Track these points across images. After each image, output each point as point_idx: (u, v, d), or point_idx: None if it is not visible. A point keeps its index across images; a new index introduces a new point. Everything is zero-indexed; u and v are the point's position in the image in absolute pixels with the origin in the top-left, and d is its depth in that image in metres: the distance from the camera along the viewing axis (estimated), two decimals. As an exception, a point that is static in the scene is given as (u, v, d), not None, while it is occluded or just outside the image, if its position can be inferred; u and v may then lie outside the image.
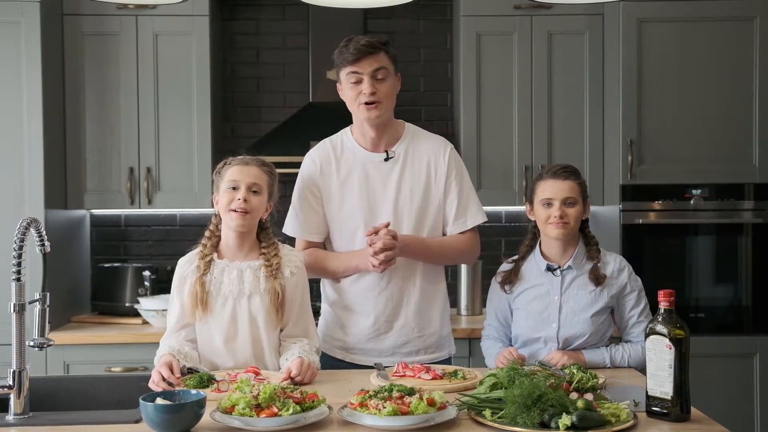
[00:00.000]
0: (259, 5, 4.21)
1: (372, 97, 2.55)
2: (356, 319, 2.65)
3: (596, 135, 3.87)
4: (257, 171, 2.46)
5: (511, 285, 2.63)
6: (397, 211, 2.61)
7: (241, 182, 2.42)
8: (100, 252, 4.16)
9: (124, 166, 3.81)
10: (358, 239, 2.60)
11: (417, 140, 2.68)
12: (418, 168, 2.65)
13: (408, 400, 1.91)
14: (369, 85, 2.54)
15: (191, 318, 2.44)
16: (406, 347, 2.65)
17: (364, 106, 2.56)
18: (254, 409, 1.88)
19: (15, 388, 2.04)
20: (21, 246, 2.06)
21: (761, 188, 3.65)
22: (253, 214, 2.43)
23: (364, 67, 2.54)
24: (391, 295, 2.63)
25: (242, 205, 2.40)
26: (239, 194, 2.41)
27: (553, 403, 1.87)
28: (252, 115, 4.23)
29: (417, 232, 2.62)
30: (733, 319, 3.69)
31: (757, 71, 3.63)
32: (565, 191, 2.53)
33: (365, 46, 2.54)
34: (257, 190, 2.44)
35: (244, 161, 2.48)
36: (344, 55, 2.56)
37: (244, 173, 2.44)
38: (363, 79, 2.55)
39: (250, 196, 2.42)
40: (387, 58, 2.58)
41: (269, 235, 2.52)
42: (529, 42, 3.85)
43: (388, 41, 2.62)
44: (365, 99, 2.55)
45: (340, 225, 2.65)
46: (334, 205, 2.65)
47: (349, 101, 2.61)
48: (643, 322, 2.54)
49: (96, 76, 3.80)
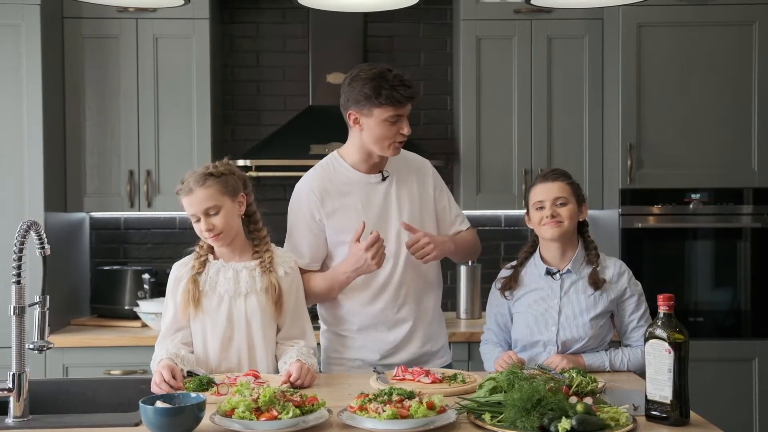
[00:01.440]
0: (260, 8, 4.22)
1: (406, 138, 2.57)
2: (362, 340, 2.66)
3: (596, 139, 3.87)
4: (204, 193, 2.37)
5: (511, 291, 2.63)
6: (400, 228, 2.61)
7: (197, 213, 2.39)
8: (99, 255, 4.16)
9: (124, 169, 3.81)
10: None
11: (399, 158, 2.68)
12: (409, 183, 2.68)
13: (408, 404, 1.91)
14: (408, 126, 2.54)
15: (183, 317, 2.44)
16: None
17: (396, 144, 2.56)
18: (254, 413, 1.88)
19: (15, 391, 2.04)
20: (21, 249, 2.06)
21: (760, 193, 3.65)
22: (226, 231, 2.41)
23: (406, 108, 2.53)
24: (404, 317, 2.65)
25: (210, 234, 2.39)
26: (201, 225, 2.40)
27: (552, 407, 1.87)
28: (252, 119, 4.23)
29: None
30: (732, 324, 3.69)
31: (756, 76, 3.64)
32: (554, 192, 2.55)
33: (410, 88, 2.51)
34: (215, 212, 2.39)
35: (188, 189, 2.39)
36: (390, 93, 2.47)
37: (194, 204, 2.38)
38: (402, 118, 2.53)
39: (210, 220, 2.39)
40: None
41: (259, 227, 2.51)
42: (528, 46, 3.85)
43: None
44: (401, 139, 2.55)
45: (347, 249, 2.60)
46: (337, 231, 2.61)
47: (377, 138, 2.54)
48: (642, 327, 2.55)
49: (96, 79, 3.80)
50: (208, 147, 3.82)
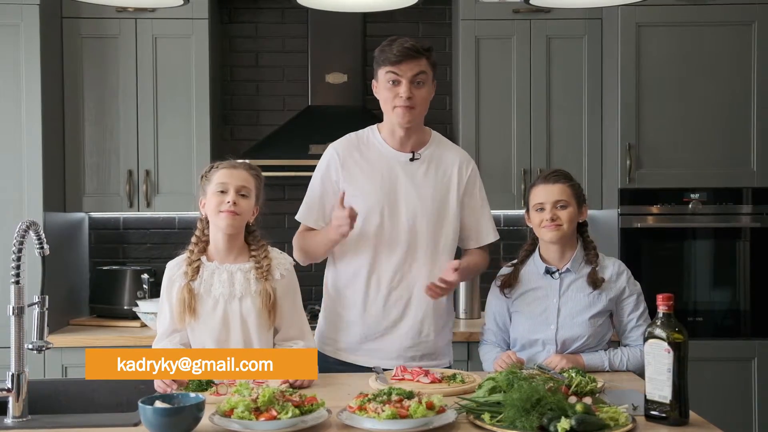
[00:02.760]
0: (259, 8, 4.22)
1: (408, 102, 2.55)
2: (356, 318, 2.66)
3: (595, 139, 3.87)
4: (245, 174, 2.47)
5: (510, 288, 2.64)
6: (415, 211, 2.62)
7: (230, 185, 2.43)
8: (98, 255, 4.15)
9: (123, 169, 3.81)
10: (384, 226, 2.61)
11: (442, 148, 2.71)
12: (441, 174, 2.67)
13: (407, 404, 1.91)
14: (407, 89, 2.55)
15: (180, 324, 2.45)
16: (409, 351, 2.65)
17: (400, 109, 2.57)
18: (253, 413, 1.88)
19: (14, 391, 2.04)
20: (20, 249, 2.06)
21: (759, 192, 3.65)
22: (242, 216, 2.44)
23: (405, 70, 2.54)
24: (400, 295, 2.63)
25: (231, 207, 2.41)
26: (228, 197, 2.41)
27: (551, 407, 1.88)
28: (251, 119, 4.23)
29: (433, 234, 2.63)
30: (731, 323, 3.69)
31: (755, 75, 3.64)
32: (555, 194, 2.55)
33: (409, 49, 2.54)
34: (245, 194, 2.45)
35: (232, 164, 2.49)
36: (386, 54, 2.56)
37: (233, 176, 2.45)
38: (402, 82, 2.55)
39: (239, 198, 2.43)
40: (428, 64, 2.59)
41: (257, 238, 2.53)
42: (527, 46, 3.85)
43: (431, 47, 2.62)
44: (401, 102, 2.56)
45: (359, 218, 2.60)
46: (353, 198, 2.62)
47: (383, 101, 2.62)
48: (641, 326, 2.55)
49: (95, 78, 3.80)
50: (207, 147, 3.82)
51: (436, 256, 2.64)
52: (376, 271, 2.62)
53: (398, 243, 2.61)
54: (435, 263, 2.63)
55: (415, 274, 2.62)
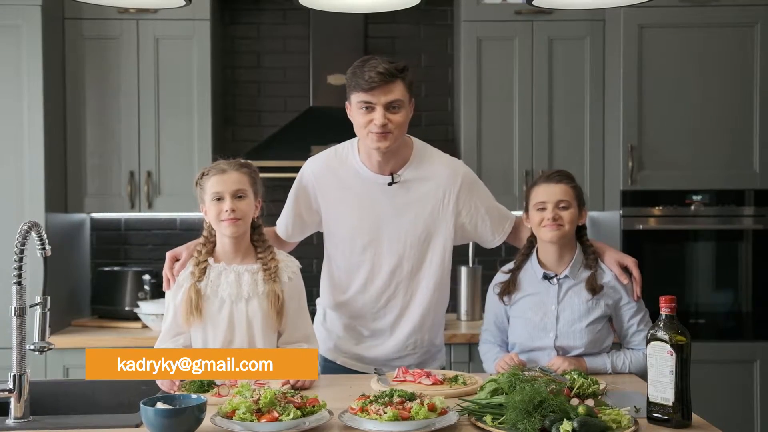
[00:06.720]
0: (260, 9, 4.22)
1: (383, 128, 2.40)
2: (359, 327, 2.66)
3: (597, 140, 3.87)
4: (237, 176, 2.42)
5: (509, 296, 2.61)
6: (399, 236, 2.56)
7: (225, 192, 2.39)
8: (100, 256, 4.15)
9: (125, 170, 3.81)
10: (368, 256, 2.57)
11: (424, 165, 2.57)
12: (424, 194, 2.55)
13: (409, 406, 1.91)
14: (381, 116, 2.39)
15: (185, 325, 2.44)
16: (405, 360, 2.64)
17: (374, 135, 2.42)
18: (255, 414, 1.88)
19: (15, 392, 2.04)
20: (22, 250, 2.06)
21: (762, 194, 3.65)
22: (244, 219, 2.42)
23: (378, 97, 2.38)
24: (397, 303, 2.62)
25: (231, 215, 2.39)
26: (225, 205, 2.39)
27: (554, 409, 1.87)
28: (252, 119, 4.23)
29: (421, 257, 2.58)
30: (733, 325, 3.69)
31: (758, 77, 3.64)
32: (557, 194, 2.52)
33: (381, 74, 2.36)
34: (242, 195, 2.41)
35: (221, 169, 2.43)
36: (357, 79, 2.40)
37: (226, 182, 2.40)
38: (375, 108, 2.40)
39: (236, 203, 2.39)
40: (403, 86, 2.42)
41: (263, 238, 2.51)
42: (529, 47, 3.85)
43: (406, 67, 2.44)
44: (376, 129, 2.40)
45: (342, 240, 2.60)
46: (332, 221, 2.60)
47: (357, 126, 2.47)
48: (643, 331, 2.52)
49: (97, 80, 3.80)
50: (208, 148, 3.82)
51: (421, 276, 2.60)
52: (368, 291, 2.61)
53: (381, 268, 2.57)
54: (419, 284, 2.60)
55: (401, 296, 2.60)
